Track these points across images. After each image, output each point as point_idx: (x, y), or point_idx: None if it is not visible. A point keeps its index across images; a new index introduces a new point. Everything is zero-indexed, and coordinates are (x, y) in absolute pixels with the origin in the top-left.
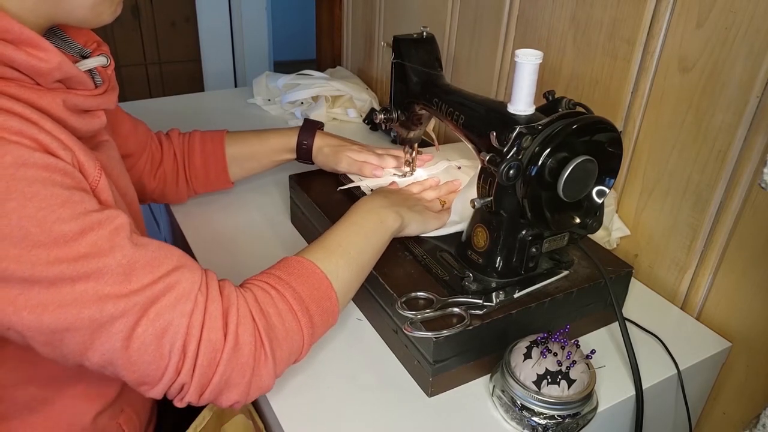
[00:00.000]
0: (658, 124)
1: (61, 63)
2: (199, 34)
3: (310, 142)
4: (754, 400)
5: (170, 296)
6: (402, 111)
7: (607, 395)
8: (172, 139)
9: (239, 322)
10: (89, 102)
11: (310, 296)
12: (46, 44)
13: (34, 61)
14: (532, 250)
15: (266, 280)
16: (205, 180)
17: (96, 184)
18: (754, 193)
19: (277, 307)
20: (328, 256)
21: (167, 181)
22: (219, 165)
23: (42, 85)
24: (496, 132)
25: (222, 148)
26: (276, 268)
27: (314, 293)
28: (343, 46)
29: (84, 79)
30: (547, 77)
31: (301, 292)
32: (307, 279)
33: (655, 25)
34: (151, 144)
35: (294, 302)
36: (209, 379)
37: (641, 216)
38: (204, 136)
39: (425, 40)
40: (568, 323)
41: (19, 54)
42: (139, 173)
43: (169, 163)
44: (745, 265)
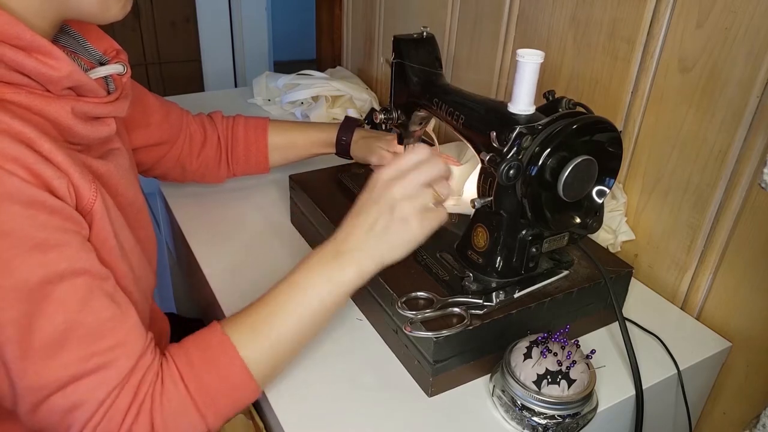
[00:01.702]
0: (658, 124)
1: (72, 72)
2: (199, 34)
3: (348, 137)
4: (754, 400)
5: (94, 378)
6: (402, 111)
7: (607, 395)
8: (216, 123)
9: (136, 421)
10: (99, 110)
11: (221, 390)
12: (58, 52)
13: (45, 69)
14: (532, 250)
15: (179, 365)
16: (245, 165)
17: (90, 206)
18: (754, 193)
19: (183, 407)
20: (255, 338)
21: (209, 165)
22: (260, 153)
23: (52, 92)
24: (496, 132)
25: (265, 136)
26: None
27: (227, 387)
28: (343, 46)
29: (94, 88)
30: (547, 77)
31: (210, 386)
32: (222, 371)
33: (655, 25)
34: (188, 126)
35: (199, 399)
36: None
37: (641, 216)
38: (248, 124)
39: (425, 40)
40: (568, 323)
41: (29, 61)
42: (176, 157)
43: (213, 148)
44: (745, 265)
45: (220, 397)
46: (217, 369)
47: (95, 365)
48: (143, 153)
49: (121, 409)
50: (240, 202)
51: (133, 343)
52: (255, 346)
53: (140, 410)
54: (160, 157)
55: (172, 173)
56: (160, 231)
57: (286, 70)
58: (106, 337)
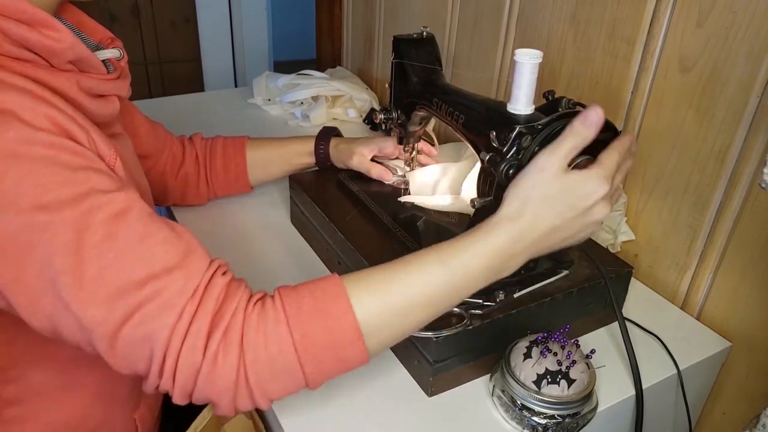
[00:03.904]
0: (658, 124)
1: (74, 43)
2: (199, 34)
3: (326, 145)
4: (754, 400)
5: (155, 303)
6: (402, 111)
7: (607, 395)
8: (195, 143)
9: (222, 348)
10: (103, 86)
11: (326, 344)
12: (59, 25)
13: (48, 41)
14: None
15: (287, 303)
16: (225, 182)
17: (113, 165)
18: (754, 193)
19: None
20: (379, 305)
21: (188, 182)
22: (239, 168)
23: (55, 66)
24: (496, 132)
25: (243, 151)
26: (309, 290)
27: (332, 342)
28: (343, 46)
29: (96, 63)
30: (547, 77)
31: (314, 337)
32: (331, 323)
33: (655, 25)
34: (171, 145)
35: (301, 347)
36: (189, 393)
37: (641, 216)
38: (226, 141)
39: (425, 40)
40: (568, 323)
41: (33, 34)
42: (160, 173)
43: (191, 165)
44: (745, 265)
45: (324, 351)
46: (325, 319)
47: (155, 289)
48: None
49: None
50: (240, 202)
51: (195, 261)
52: (376, 310)
53: (226, 333)
54: (146, 171)
55: (154, 191)
56: None
57: (286, 70)
58: (161, 258)
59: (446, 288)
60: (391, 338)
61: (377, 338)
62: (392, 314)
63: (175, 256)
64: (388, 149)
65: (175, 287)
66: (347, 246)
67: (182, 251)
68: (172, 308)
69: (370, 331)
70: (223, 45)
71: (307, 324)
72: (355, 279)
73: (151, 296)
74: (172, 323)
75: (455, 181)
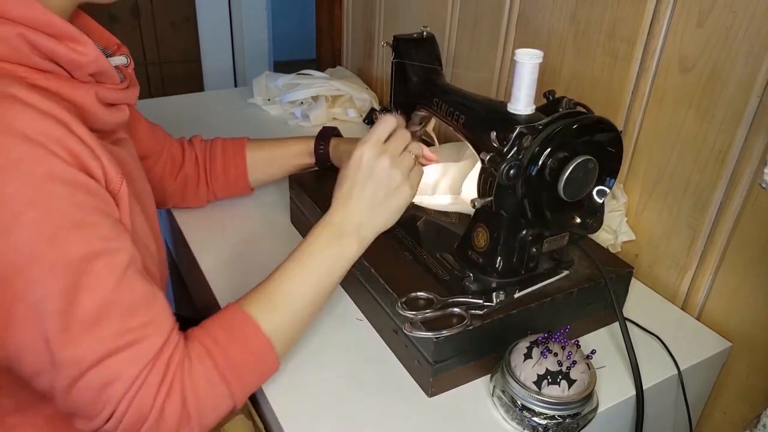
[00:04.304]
0: (658, 124)
1: (98, 56)
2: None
3: (326, 145)
4: (754, 401)
5: (128, 353)
6: (402, 111)
7: (607, 395)
8: (195, 145)
9: (168, 397)
10: (116, 95)
11: (246, 362)
12: (85, 39)
13: (75, 55)
14: (532, 250)
15: (205, 343)
16: (225, 184)
17: (117, 190)
18: (754, 193)
19: (210, 380)
20: (275, 312)
21: (188, 184)
22: (239, 169)
23: (76, 78)
24: (496, 132)
25: (243, 152)
26: (219, 326)
27: (252, 359)
28: (343, 46)
29: (113, 73)
30: (547, 77)
31: (236, 359)
32: (246, 345)
33: (655, 25)
34: (171, 147)
35: (228, 371)
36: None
37: (641, 216)
38: (225, 142)
39: (425, 39)
40: (569, 323)
41: (61, 48)
42: (159, 175)
43: (191, 166)
44: (745, 265)
45: (246, 371)
46: (241, 344)
47: (129, 341)
48: None
49: (154, 385)
50: (240, 202)
51: (164, 321)
52: (275, 320)
53: (171, 386)
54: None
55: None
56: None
57: (286, 70)
58: (140, 314)
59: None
60: (293, 336)
61: (283, 340)
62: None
63: (151, 312)
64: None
65: (148, 341)
66: None
67: (156, 309)
68: (138, 360)
69: (278, 341)
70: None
71: (227, 354)
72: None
73: (125, 345)
74: (134, 374)
75: (455, 181)
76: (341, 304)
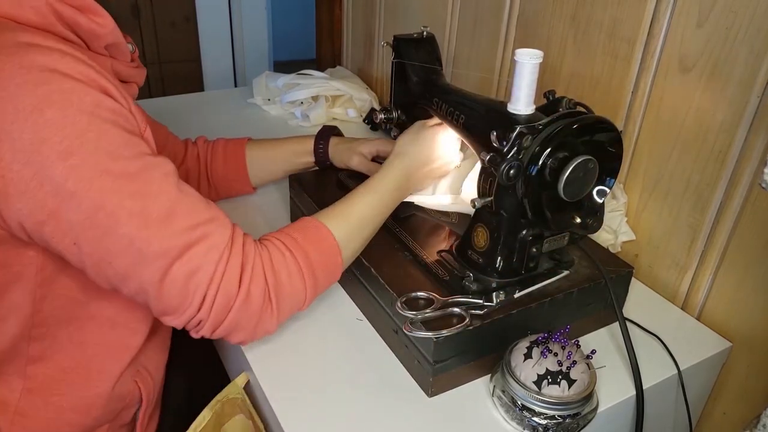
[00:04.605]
0: (658, 124)
1: (114, 29)
2: (199, 34)
3: (325, 144)
4: (754, 400)
5: (203, 244)
6: (402, 111)
7: (607, 395)
8: (198, 144)
9: (252, 279)
10: (127, 71)
11: (320, 262)
12: (104, 11)
13: (94, 26)
14: (532, 250)
15: (284, 240)
16: (226, 182)
17: (143, 132)
18: (754, 193)
19: (288, 269)
20: (344, 226)
21: (189, 181)
22: (239, 167)
23: (93, 50)
24: (497, 132)
25: (242, 151)
26: (295, 230)
27: (323, 259)
28: (343, 46)
29: (125, 49)
30: (547, 77)
31: (312, 257)
32: (320, 245)
33: (655, 25)
34: (174, 145)
35: (304, 266)
36: (221, 321)
37: (641, 216)
38: (227, 142)
39: (425, 39)
40: (569, 323)
41: (83, 18)
42: None
43: (192, 163)
44: (745, 265)
45: (318, 269)
46: (316, 244)
47: (201, 234)
48: None
49: (236, 268)
50: (240, 202)
51: (223, 217)
52: (344, 231)
53: (254, 270)
54: None
55: None
56: None
57: (286, 70)
58: (202, 212)
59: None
60: (354, 251)
61: (347, 251)
62: (353, 231)
63: (212, 211)
64: (388, 152)
65: (217, 233)
66: None
67: (214, 209)
68: (215, 249)
69: (343, 246)
70: (223, 45)
71: (305, 250)
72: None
73: (199, 238)
74: (215, 260)
75: (455, 181)
76: (341, 304)
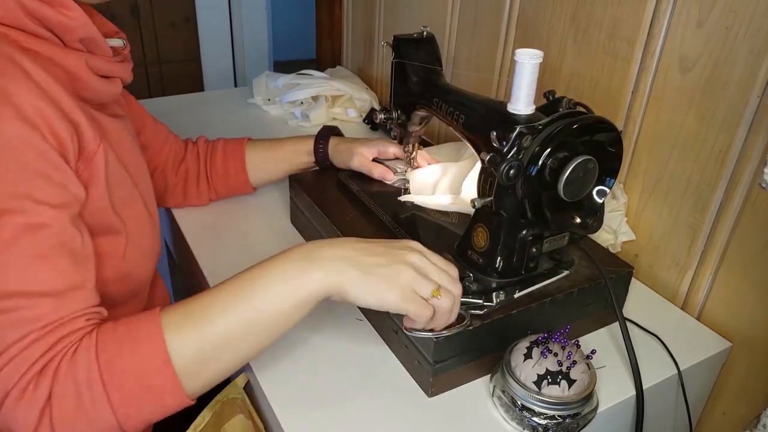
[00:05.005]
0: (658, 124)
1: (86, 22)
2: (198, 34)
3: (325, 144)
4: (754, 400)
5: (7, 318)
6: (402, 111)
7: (607, 395)
8: (198, 144)
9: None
10: (108, 66)
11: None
12: (73, 4)
13: (64, 19)
14: (532, 250)
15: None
16: (225, 181)
17: (93, 155)
18: (754, 193)
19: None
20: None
21: (189, 179)
22: (238, 166)
23: (67, 45)
24: (496, 132)
25: (242, 150)
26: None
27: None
28: (343, 46)
29: (103, 44)
30: (547, 77)
31: (124, 360)
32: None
33: (655, 25)
34: (174, 144)
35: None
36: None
37: (641, 216)
38: (227, 142)
39: (425, 39)
40: (569, 323)
41: (50, 10)
42: (161, 170)
43: (192, 162)
44: (745, 265)
45: (130, 378)
46: (134, 343)
47: (16, 305)
48: None
49: (29, 360)
50: (240, 202)
51: (70, 301)
52: (182, 333)
53: (45, 368)
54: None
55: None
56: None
57: (286, 70)
58: (29, 283)
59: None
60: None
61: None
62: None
63: (58, 286)
64: (388, 152)
65: (36, 312)
66: None
67: (68, 285)
68: (17, 329)
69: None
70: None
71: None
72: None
73: (8, 309)
74: (10, 342)
75: (455, 181)
76: (341, 305)
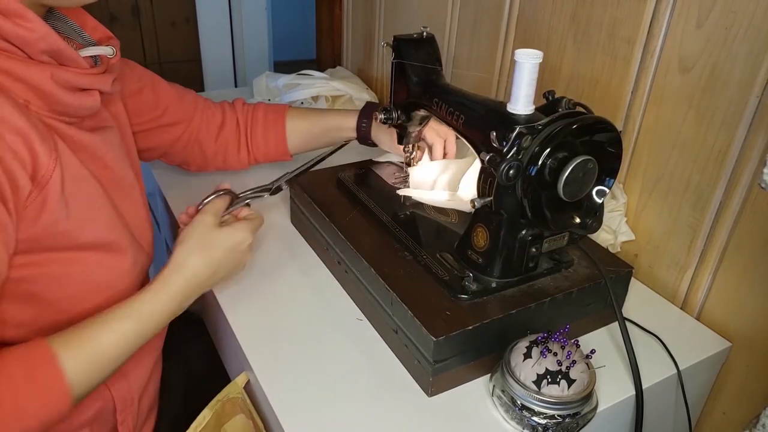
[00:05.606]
0: (657, 124)
1: (47, 34)
2: (199, 34)
3: (369, 122)
4: (754, 400)
5: None
6: (402, 111)
7: (607, 395)
8: (236, 108)
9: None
10: (82, 80)
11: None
12: (32, 16)
13: (21, 31)
14: (532, 250)
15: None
16: (265, 149)
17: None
18: (754, 193)
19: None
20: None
21: (229, 148)
22: (279, 135)
23: (31, 57)
24: (496, 132)
25: (283, 119)
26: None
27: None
28: (343, 46)
29: (74, 56)
30: (547, 77)
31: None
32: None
33: (655, 25)
34: (205, 110)
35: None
36: None
37: (641, 216)
38: (267, 108)
39: (425, 40)
40: (568, 323)
41: (6, 23)
42: (194, 139)
43: (232, 129)
44: (745, 265)
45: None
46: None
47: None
48: (157, 134)
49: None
50: None
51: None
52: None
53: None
54: (176, 138)
55: (192, 157)
56: (160, 231)
57: (286, 70)
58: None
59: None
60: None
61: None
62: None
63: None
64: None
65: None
66: (347, 246)
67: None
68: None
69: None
70: (223, 45)
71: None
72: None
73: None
74: None
75: (453, 178)
76: (341, 304)
